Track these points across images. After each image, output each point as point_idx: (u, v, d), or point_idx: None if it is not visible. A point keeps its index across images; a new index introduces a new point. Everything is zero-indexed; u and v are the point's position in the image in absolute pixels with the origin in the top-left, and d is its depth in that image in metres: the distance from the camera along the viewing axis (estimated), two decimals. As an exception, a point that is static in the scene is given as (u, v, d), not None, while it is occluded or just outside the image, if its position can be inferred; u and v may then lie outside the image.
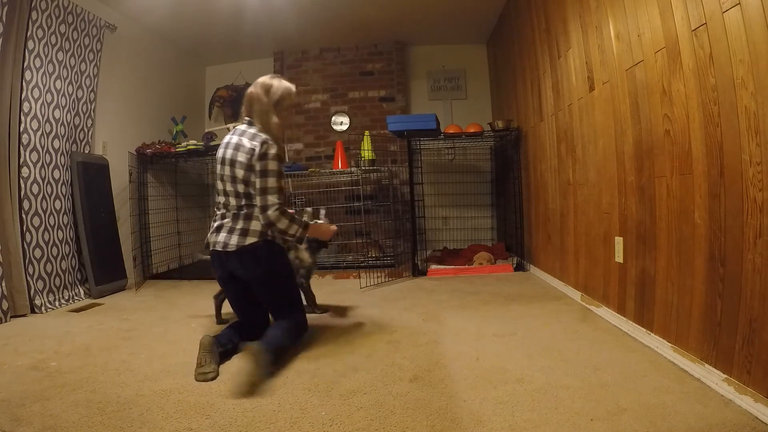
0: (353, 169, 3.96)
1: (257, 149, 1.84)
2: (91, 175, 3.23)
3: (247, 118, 1.96)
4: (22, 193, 2.73)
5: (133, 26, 3.84)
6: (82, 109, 3.23)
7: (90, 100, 3.30)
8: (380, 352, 1.85)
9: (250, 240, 1.86)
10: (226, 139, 1.97)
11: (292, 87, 2.02)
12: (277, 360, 1.72)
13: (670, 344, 1.66)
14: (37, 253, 2.81)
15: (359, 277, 3.33)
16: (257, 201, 1.85)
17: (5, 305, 2.53)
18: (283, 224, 1.86)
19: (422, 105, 4.87)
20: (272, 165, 1.85)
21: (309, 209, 2.54)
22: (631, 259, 1.97)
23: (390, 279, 3.41)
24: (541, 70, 3.05)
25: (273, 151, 1.86)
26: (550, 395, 1.40)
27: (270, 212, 1.84)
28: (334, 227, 2.26)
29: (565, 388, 1.44)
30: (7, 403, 1.45)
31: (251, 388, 1.52)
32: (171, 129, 4.27)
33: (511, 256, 3.89)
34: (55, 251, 2.94)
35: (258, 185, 1.84)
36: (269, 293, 1.95)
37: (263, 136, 1.88)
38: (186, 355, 1.88)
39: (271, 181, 1.84)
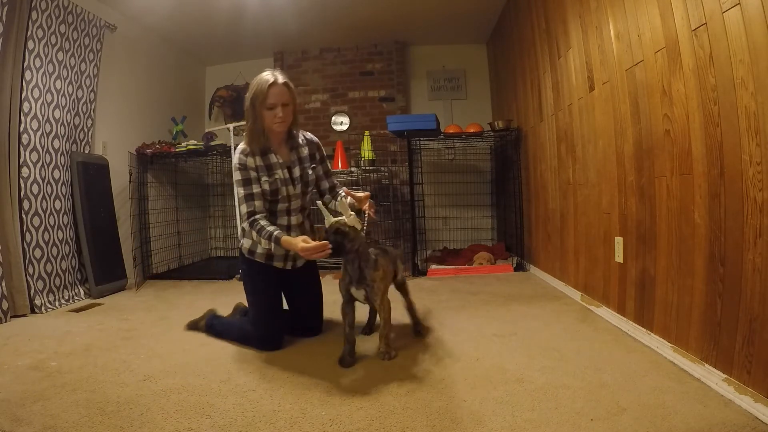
0: (353, 169, 3.96)
1: None
2: (91, 175, 3.23)
3: None
4: (22, 193, 2.73)
5: (133, 26, 3.84)
6: (82, 109, 3.23)
7: (90, 100, 3.30)
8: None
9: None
10: None
11: (268, 79, 1.78)
12: (210, 334, 2.12)
13: (670, 344, 1.66)
14: (37, 253, 2.81)
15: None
16: None
17: (5, 305, 2.53)
18: (254, 236, 1.86)
19: (422, 105, 4.87)
20: (236, 175, 1.88)
21: (344, 198, 1.78)
22: (631, 259, 1.97)
23: (390, 279, 3.40)
24: (541, 70, 3.05)
25: (234, 161, 1.89)
26: (550, 395, 1.40)
27: (242, 224, 1.90)
28: (305, 245, 1.63)
29: (565, 388, 1.44)
30: (7, 403, 1.45)
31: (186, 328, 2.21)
32: (171, 129, 4.27)
33: (511, 256, 3.89)
34: (55, 251, 2.94)
35: None
36: None
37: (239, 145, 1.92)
38: (186, 355, 1.89)
39: (239, 192, 1.87)
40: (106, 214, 3.37)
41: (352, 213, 1.69)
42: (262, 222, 1.81)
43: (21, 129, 2.72)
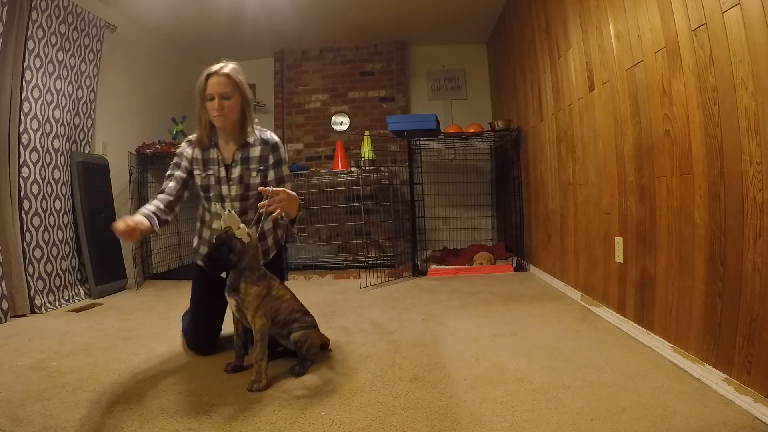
0: (353, 169, 3.96)
1: None
2: (91, 175, 3.23)
3: None
4: (22, 193, 2.73)
5: (133, 26, 3.84)
6: (82, 109, 3.23)
7: (90, 100, 3.30)
8: (380, 352, 1.85)
9: None
10: None
11: (210, 69, 1.76)
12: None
13: (670, 344, 1.66)
14: (37, 253, 2.81)
15: (359, 277, 3.33)
16: None
17: (5, 305, 2.53)
18: None
19: (422, 105, 4.87)
20: None
21: (233, 211, 1.66)
22: (631, 259, 1.97)
23: (390, 279, 3.41)
24: (541, 70, 3.05)
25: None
26: (550, 395, 1.40)
27: None
28: (115, 223, 1.51)
29: (565, 388, 1.44)
30: (7, 403, 1.45)
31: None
32: (171, 129, 4.27)
33: (511, 256, 3.89)
34: (55, 251, 2.94)
35: None
36: None
37: None
38: (186, 355, 1.89)
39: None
40: (106, 214, 3.37)
41: (242, 225, 1.56)
42: (153, 201, 1.75)
43: (21, 129, 2.72)
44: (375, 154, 3.99)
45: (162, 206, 1.74)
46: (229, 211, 1.57)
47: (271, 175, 1.85)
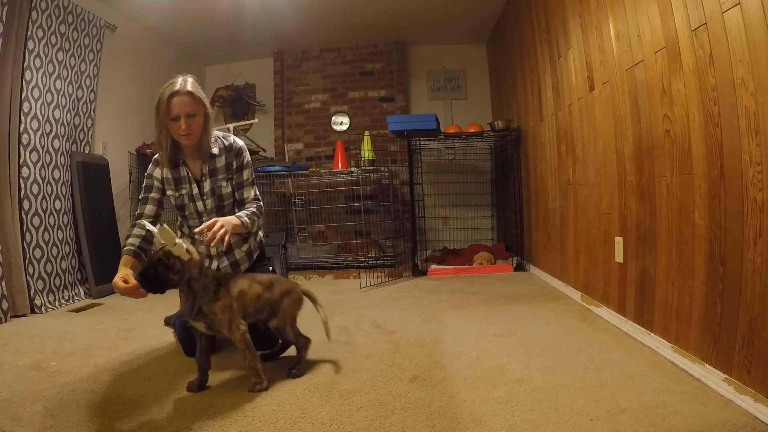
0: (353, 169, 3.96)
1: None
2: (91, 175, 3.23)
3: None
4: (22, 193, 2.73)
5: (133, 26, 3.84)
6: (82, 109, 3.23)
7: (90, 100, 3.30)
8: (380, 352, 1.85)
9: None
10: None
11: (171, 88, 1.65)
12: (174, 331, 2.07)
13: (670, 344, 1.66)
14: (37, 253, 2.81)
15: (359, 277, 3.33)
16: None
17: (5, 305, 2.53)
18: None
19: (422, 105, 4.88)
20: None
21: (166, 224, 1.52)
22: (631, 259, 1.97)
23: (390, 279, 3.41)
24: (541, 70, 3.05)
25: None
26: (550, 395, 1.40)
27: None
28: (117, 282, 1.54)
29: (565, 388, 1.44)
30: (7, 403, 1.45)
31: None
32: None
33: (511, 256, 3.89)
34: (55, 251, 2.94)
35: None
36: None
37: None
38: (185, 355, 1.88)
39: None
40: (106, 214, 3.37)
41: (178, 241, 1.45)
42: (135, 230, 1.77)
43: (21, 129, 2.72)
44: (375, 154, 3.99)
45: (144, 233, 1.77)
46: (162, 225, 1.48)
47: (234, 182, 1.86)
